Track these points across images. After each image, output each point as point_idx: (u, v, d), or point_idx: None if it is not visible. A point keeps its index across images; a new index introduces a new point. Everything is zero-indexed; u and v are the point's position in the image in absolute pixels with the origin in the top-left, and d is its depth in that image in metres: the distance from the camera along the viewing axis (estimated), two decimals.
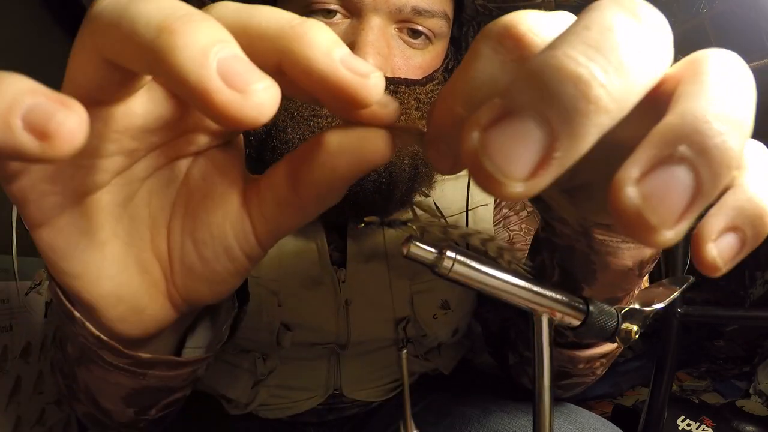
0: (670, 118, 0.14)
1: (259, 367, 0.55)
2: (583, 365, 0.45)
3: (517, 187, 0.13)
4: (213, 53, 0.14)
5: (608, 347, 0.43)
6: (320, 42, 0.16)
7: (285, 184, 0.21)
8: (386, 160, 0.19)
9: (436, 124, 0.19)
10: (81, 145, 0.14)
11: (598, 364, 0.46)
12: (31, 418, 0.75)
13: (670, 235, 0.13)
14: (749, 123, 0.15)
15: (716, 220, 0.15)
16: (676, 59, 0.17)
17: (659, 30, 0.15)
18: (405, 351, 0.20)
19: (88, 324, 0.26)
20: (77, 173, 0.19)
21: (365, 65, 0.17)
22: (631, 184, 0.13)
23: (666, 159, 0.13)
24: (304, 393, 0.57)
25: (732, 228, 0.16)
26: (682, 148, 0.13)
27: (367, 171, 0.19)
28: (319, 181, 0.20)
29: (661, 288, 0.25)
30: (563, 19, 0.17)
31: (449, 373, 0.63)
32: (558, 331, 0.42)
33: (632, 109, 0.14)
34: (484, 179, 0.13)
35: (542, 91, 0.13)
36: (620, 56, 0.13)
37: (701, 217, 0.15)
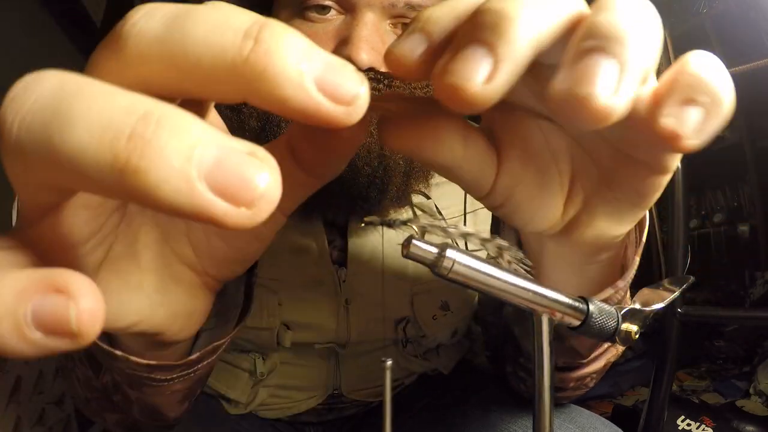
0: (577, 32, 0.16)
1: (258, 366, 0.55)
2: (574, 383, 0.46)
3: (478, 88, 0.15)
4: (195, 172, 0.12)
5: (598, 365, 0.44)
6: (289, 74, 0.13)
7: (293, 167, 0.21)
8: (364, 137, 0.19)
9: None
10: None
11: (588, 379, 0.46)
12: (31, 418, 0.75)
13: (613, 101, 0.15)
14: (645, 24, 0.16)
15: (666, 96, 0.17)
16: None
17: None
18: (389, 363, 0.20)
19: (134, 358, 0.26)
20: (89, 254, 0.19)
21: (348, 83, 0.14)
22: (561, 81, 0.16)
23: (582, 54, 0.16)
24: (304, 393, 0.57)
25: (687, 101, 0.17)
26: (590, 43, 0.16)
27: (357, 145, 0.20)
28: (320, 159, 0.20)
29: (661, 288, 0.25)
30: None
31: (449, 373, 0.63)
32: None
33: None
34: (453, 95, 0.16)
35: (473, 26, 0.16)
36: None
37: None
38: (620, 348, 0.42)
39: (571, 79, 0.15)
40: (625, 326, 0.22)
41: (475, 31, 0.16)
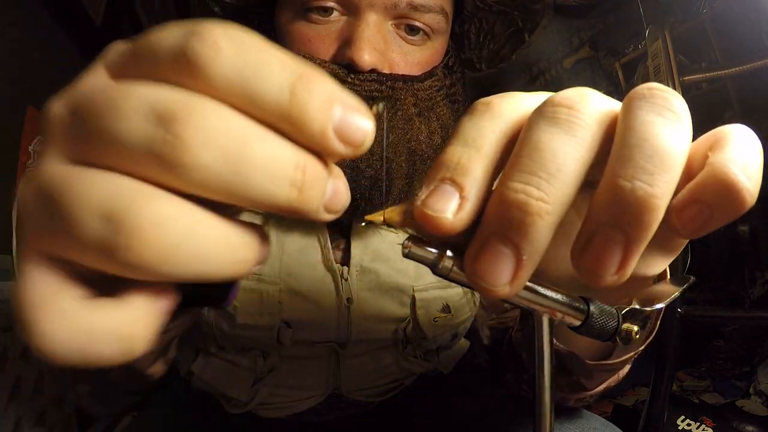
0: (594, 200, 0.18)
1: (259, 365, 0.55)
2: (574, 402, 0.47)
3: (505, 289, 0.18)
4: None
5: (599, 389, 0.45)
6: (315, 119, 0.16)
7: None
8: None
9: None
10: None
11: (589, 398, 0.47)
12: (31, 418, 0.75)
13: (613, 279, 0.18)
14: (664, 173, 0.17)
15: (681, 195, 0.18)
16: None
17: (579, 125, 0.18)
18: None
19: None
20: None
21: (359, 128, 0.17)
22: (577, 256, 0.18)
23: (593, 232, 0.18)
24: (304, 392, 0.57)
25: (695, 201, 0.18)
26: (604, 219, 0.17)
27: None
28: None
29: (661, 288, 0.25)
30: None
31: (449, 373, 0.63)
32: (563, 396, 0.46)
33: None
34: (482, 291, 0.18)
35: (500, 220, 0.18)
36: (548, 167, 0.17)
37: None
38: (622, 374, 0.43)
39: (585, 263, 0.18)
40: (626, 326, 0.22)
41: (502, 226, 0.18)
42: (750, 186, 0.18)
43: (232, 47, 0.15)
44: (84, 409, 0.46)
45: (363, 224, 0.22)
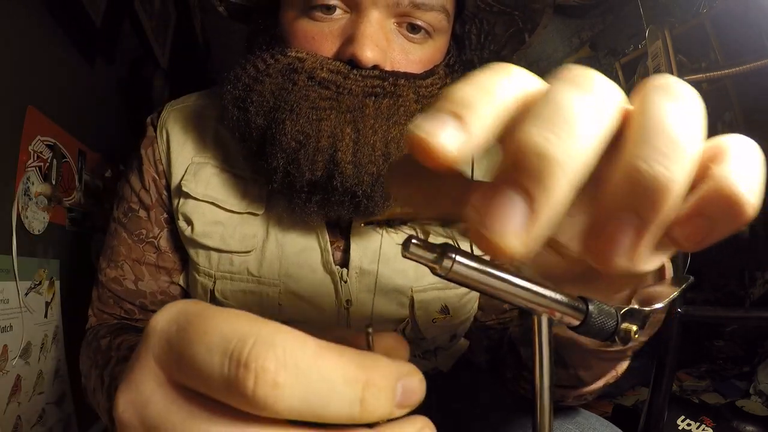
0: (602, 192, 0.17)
1: None
2: (572, 399, 0.47)
3: (513, 243, 0.16)
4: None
5: (597, 386, 0.45)
6: (383, 413, 0.19)
7: None
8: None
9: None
10: None
11: (588, 395, 0.47)
12: (31, 418, 0.75)
13: (624, 263, 0.17)
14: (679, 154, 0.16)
15: (683, 209, 0.18)
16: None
17: (602, 96, 0.17)
18: (370, 328, 0.21)
19: None
20: None
21: (414, 396, 0.20)
22: (589, 238, 0.17)
23: (607, 213, 0.17)
24: None
25: (698, 215, 0.18)
26: (619, 200, 0.16)
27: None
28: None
29: (661, 288, 0.25)
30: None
31: (449, 372, 0.63)
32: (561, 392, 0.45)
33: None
34: (488, 250, 0.16)
35: (512, 165, 0.16)
36: (571, 124, 0.16)
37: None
38: (620, 370, 0.43)
39: (597, 245, 0.17)
40: (625, 326, 0.22)
41: (517, 174, 0.16)
42: (752, 200, 0.18)
43: (290, 379, 0.17)
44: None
45: (362, 225, 0.22)
